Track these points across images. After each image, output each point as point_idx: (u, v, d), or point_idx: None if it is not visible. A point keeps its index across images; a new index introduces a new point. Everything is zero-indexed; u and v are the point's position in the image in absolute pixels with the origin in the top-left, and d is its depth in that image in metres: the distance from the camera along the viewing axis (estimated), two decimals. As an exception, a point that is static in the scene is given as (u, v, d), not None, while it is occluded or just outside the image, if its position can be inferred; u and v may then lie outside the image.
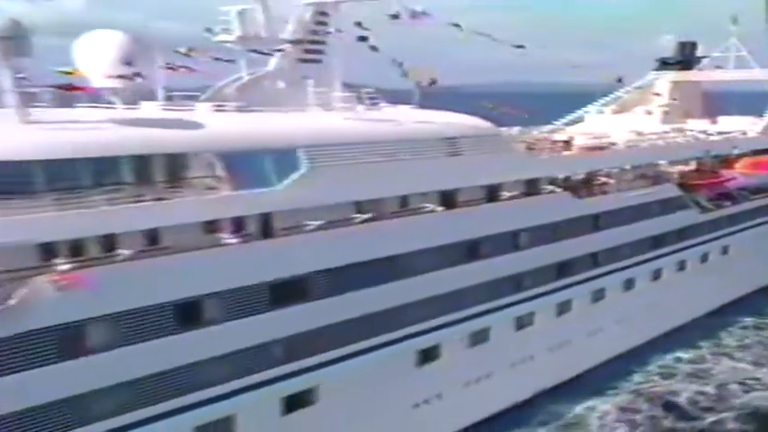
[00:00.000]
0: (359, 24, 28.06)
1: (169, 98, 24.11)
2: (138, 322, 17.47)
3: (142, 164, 18.85)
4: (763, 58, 56.09)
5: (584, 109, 51.28)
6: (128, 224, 17.62)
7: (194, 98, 24.71)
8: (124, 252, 17.38)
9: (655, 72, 56.88)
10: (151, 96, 23.93)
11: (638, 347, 34.07)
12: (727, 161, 41.42)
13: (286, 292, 20.40)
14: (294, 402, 21.01)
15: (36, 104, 19.68)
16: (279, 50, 27.58)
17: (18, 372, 15.66)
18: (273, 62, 27.94)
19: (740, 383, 32.08)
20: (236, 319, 19.41)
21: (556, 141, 33.92)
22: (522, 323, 28.23)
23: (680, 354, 34.68)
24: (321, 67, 28.54)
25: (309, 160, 21.24)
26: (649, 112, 47.35)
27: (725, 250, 39.86)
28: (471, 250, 25.85)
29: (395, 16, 29.06)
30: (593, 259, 31.18)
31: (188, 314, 18.45)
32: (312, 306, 21.12)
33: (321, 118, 24.56)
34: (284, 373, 20.62)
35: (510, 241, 27.35)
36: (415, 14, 29.54)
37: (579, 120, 50.12)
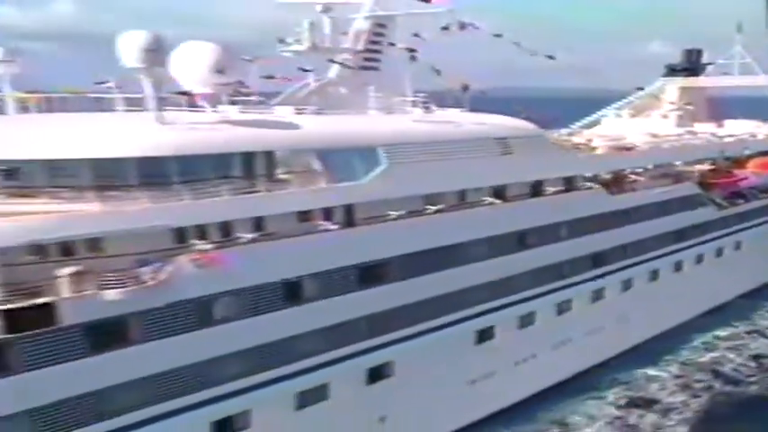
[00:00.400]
0: (416, 35, 30.76)
1: (233, 102, 26.50)
2: (256, 298, 20.00)
3: (251, 159, 21.41)
4: (766, 64, 59.32)
5: (600, 113, 54.09)
6: (243, 212, 20.17)
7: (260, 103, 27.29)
8: (245, 236, 19.93)
9: (663, 78, 59.87)
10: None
11: (662, 333, 36.70)
12: (738, 162, 44.20)
13: (370, 274, 22.95)
14: (376, 374, 23.54)
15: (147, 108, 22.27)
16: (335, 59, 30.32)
17: (164, 338, 18.17)
18: (335, 69, 30.61)
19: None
20: (331, 298, 21.94)
21: (590, 142, 36.63)
22: (562, 308, 30.79)
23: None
24: (379, 74, 31.24)
25: (388, 157, 23.83)
26: (665, 116, 50.09)
27: (737, 246, 42.59)
28: (520, 240, 28.45)
29: (445, 28, 31.77)
30: (623, 251, 33.81)
31: (292, 292, 21.00)
32: (390, 288, 23.67)
33: (393, 120, 27.19)
34: (368, 347, 23.16)
35: (552, 233, 29.95)
36: (463, 26, 32.26)
37: (595, 123, 52.93)
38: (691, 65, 61.54)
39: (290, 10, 29.72)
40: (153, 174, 19.03)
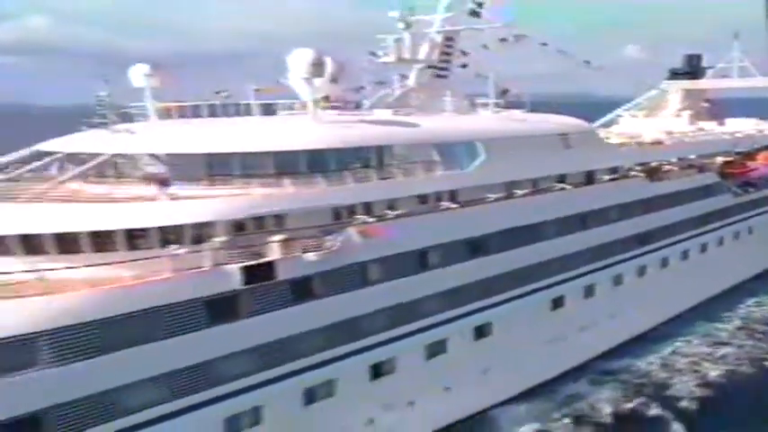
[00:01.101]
0: (485, 46, 35.48)
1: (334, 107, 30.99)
2: (400, 264, 24.36)
3: (384, 151, 25.87)
4: (762, 67, 64.71)
5: (616, 112, 59.16)
6: (388, 194, 24.60)
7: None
8: (391, 213, 24.33)
9: (667, 81, 65.07)
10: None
11: (692, 308, 41.38)
12: (749, 155, 49.25)
13: (476, 247, 27.39)
14: (480, 332, 27.92)
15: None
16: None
17: (338, 294, 22.46)
18: (413, 77, 35.17)
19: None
20: (448, 266, 26.33)
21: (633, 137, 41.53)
22: (616, 282, 35.30)
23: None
24: (449, 81, 35.90)
25: (485, 150, 28.37)
26: (678, 115, 55.14)
27: (750, 230, 47.52)
28: (581, 222, 32.98)
29: (503, 39, 36.53)
30: (662, 232, 38.48)
31: (422, 260, 25.38)
32: (490, 259, 28.08)
33: (483, 119, 31.83)
34: (475, 309, 27.55)
35: (606, 215, 34.51)
36: (518, 37, 37.03)
37: (612, 122, 57.93)
38: (692, 69, 66.73)
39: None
40: (314, 163, 23.43)
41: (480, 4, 35.77)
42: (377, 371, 24.03)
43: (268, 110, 30.10)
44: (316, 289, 21.88)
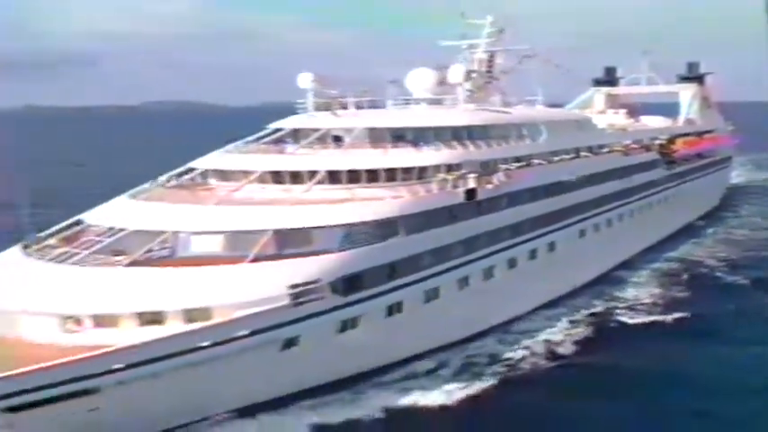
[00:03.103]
0: (519, 62, 50.78)
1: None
2: (521, 196, 38.58)
3: (502, 128, 40.55)
4: (665, 76, 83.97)
5: (568, 107, 75.97)
6: (506, 153, 39.17)
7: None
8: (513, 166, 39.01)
9: (592, 88, 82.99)
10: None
11: (651, 246, 58.04)
12: (671, 140, 67.03)
13: (548, 191, 42.09)
14: (552, 247, 42.72)
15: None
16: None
17: (493, 213, 36.76)
18: (469, 85, 49.88)
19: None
20: (537, 201, 41.12)
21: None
22: (610, 223, 51.15)
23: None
24: (492, 86, 50.94)
25: (547, 130, 43.59)
26: (616, 112, 72.64)
27: (677, 193, 65.14)
28: (591, 179, 48.53)
29: (528, 56, 51.96)
30: (631, 191, 54.85)
31: (530, 195, 39.76)
32: (562, 197, 42.92)
33: (533, 110, 47.04)
34: (548, 230, 42.43)
35: (601, 177, 50.27)
36: (530, 56, 52.61)
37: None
38: (609, 78, 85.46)
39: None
40: (470, 133, 37.77)
41: (502, 30, 51.17)
42: (511, 264, 38.40)
43: (377, 104, 43.90)
44: (488, 207, 36.00)
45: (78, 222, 30.54)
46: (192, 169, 35.02)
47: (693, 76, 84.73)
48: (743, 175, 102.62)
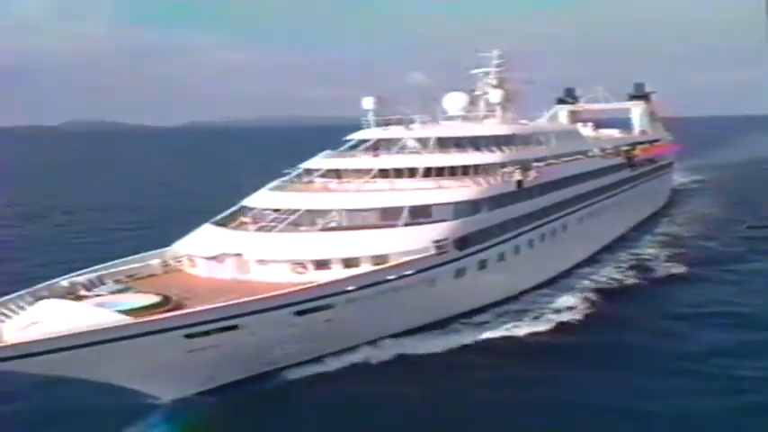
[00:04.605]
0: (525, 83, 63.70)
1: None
2: (547, 186, 51.28)
3: (524, 137, 53.14)
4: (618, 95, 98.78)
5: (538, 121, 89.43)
6: (532, 155, 51.76)
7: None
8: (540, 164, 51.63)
9: (557, 105, 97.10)
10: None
11: (622, 235, 71.41)
12: (632, 147, 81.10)
13: (558, 185, 54.88)
14: (564, 227, 55.45)
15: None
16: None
17: (531, 199, 49.14)
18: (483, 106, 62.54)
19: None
20: (552, 192, 53.83)
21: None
22: (589, 217, 64.07)
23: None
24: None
25: (555, 138, 56.46)
26: (585, 125, 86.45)
27: (639, 191, 79.02)
28: (583, 177, 61.48)
29: (530, 82, 64.92)
30: (607, 188, 68.09)
31: (553, 185, 52.58)
32: (580, 185, 55.81)
33: (543, 123, 59.84)
34: (560, 216, 55.12)
35: (588, 176, 63.33)
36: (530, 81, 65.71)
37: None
38: (570, 97, 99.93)
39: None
40: (507, 140, 50.22)
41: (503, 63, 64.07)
42: (542, 238, 50.77)
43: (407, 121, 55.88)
44: (525, 194, 48.28)
45: (243, 207, 41.62)
46: (308, 170, 46.23)
47: (640, 94, 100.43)
48: (681, 178, 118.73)
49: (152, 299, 30.09)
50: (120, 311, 27.45)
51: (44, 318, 26.11)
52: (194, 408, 30.93)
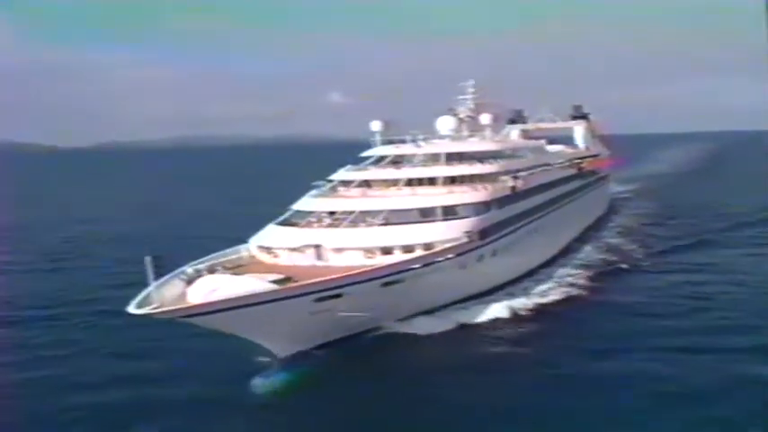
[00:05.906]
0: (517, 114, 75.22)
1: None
2: (530, 191, 62.66)
3: (510, 152, 64.42)
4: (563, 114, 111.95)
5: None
6: (514, 167, 63.17)
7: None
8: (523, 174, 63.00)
9: (508, 126, 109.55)
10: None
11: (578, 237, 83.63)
12: (582, 160, 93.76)
13: (534, 191, 66.38)
14: (544, 226, 66.88)
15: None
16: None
17: (522, 201, 60.33)
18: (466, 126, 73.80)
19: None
20: (535, 196, 65.25)
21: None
22: (558, 218, 75.91)
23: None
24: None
25: (529, 152, 68.06)
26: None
27: (588, 197, 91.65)
28: (552, 184, 73.19)
29: (499, 106, 76.57)
30: (569, 195, 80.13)
31: (534, 190, 63.99)
32: (559, 188, 67.44)
33: (519, 141, 71.58)
34: (542, 215, 66.52)
35: (556, 184, 75.11)
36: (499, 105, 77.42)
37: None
38: (519, 117, 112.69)
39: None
40: (496, 154, 61.43)
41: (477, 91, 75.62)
42: (535, 231, 62.01)
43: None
44: (517, 197, 59.40)
45: (297, 211, 51.35)
46: (344, 181, 56.17)
47: (580, 114, 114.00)
48: (616, 188, 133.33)
49: (278, 276, 39.54)
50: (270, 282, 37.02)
51: (221, 286, 35.42)
52: (303, 363, 40.38)
